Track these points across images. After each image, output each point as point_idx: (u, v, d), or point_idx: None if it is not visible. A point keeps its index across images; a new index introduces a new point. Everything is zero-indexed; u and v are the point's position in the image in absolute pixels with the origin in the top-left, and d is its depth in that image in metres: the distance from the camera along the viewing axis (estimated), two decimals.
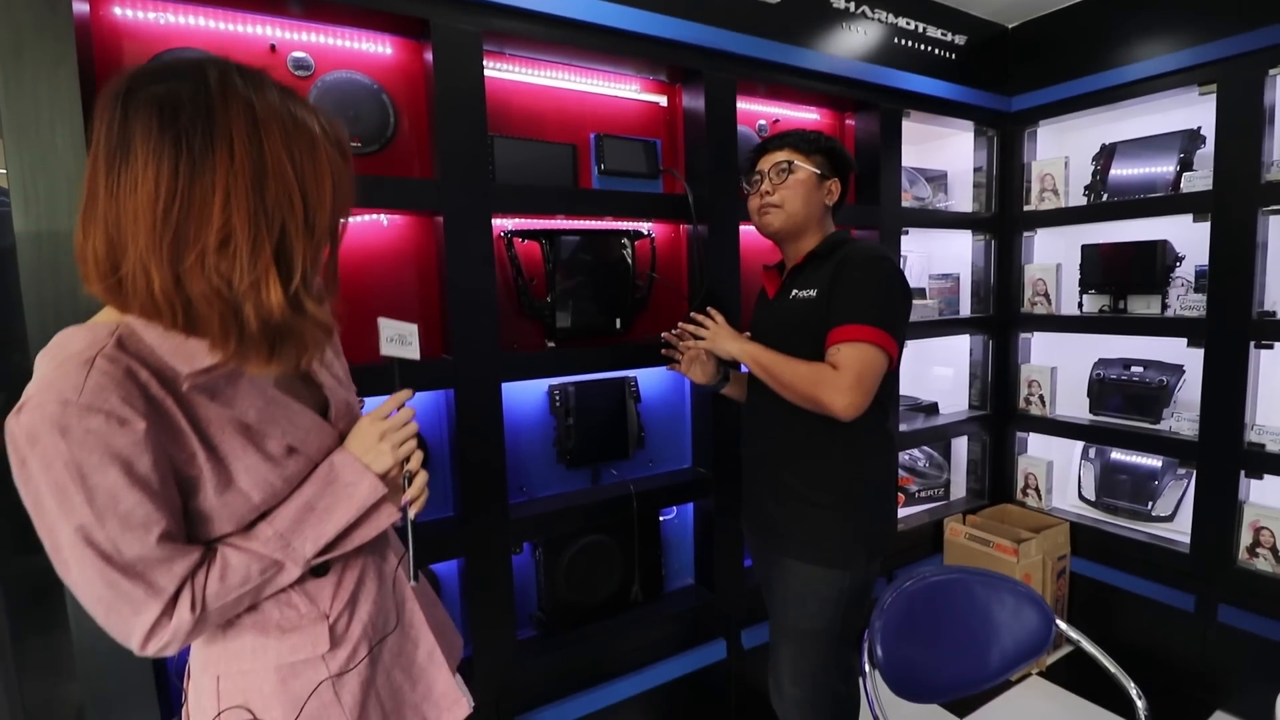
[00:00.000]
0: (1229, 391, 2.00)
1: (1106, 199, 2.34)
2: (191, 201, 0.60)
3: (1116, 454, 2.43)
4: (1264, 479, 2.00)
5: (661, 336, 1.66)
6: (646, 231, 1.84)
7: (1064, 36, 2.34)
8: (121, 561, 0.64)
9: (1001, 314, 2.61)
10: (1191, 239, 2.12)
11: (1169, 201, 2.13)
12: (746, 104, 2.03)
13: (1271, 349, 1.97)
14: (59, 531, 0.63)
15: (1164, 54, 2.08)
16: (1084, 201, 2.42)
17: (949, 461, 2.74)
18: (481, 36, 1.46)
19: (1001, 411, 2.65)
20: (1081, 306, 2.44)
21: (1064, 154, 2.45)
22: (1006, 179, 2.56)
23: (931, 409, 2.60)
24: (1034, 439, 2.65)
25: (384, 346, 0.87)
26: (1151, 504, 2.32)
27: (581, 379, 1.77)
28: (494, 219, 1.52)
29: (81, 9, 1.17)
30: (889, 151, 2.18)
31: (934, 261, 2.86)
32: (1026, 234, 2.57)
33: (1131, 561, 2.26)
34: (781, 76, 1.93)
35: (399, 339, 0.88)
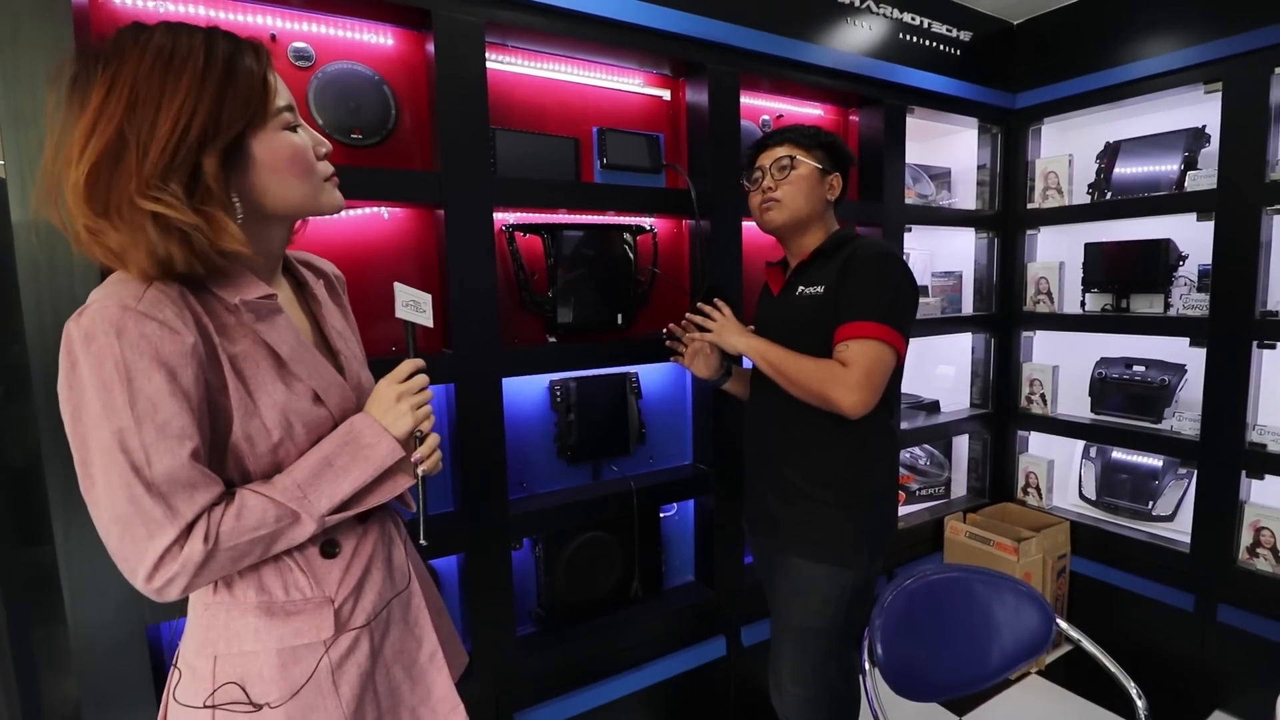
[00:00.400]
0: (1231, 391, 1.99)
1: (1110, 197, 2.33)
2: (71, 131, 0.68)
3: (1117, 453, 2.43)
4: (1265, 479, 2.00)
5: (666, 328, 1.65)
6: (649, 226, 1.83)
7: (1069, 33, 2.33)
8: (149, 475, 0.67)
9: (1004, 312, 2.60)
10: (1195, 238, 2.12)
11: (1173, 200, 2.12)
12: (750, 99, 2.02)
13: (1274, 349, 1.96)
14: (95, 437, 0.66)
15: (1169, 52, 2.07)
16: (1088, 200, 2.41)
17: (950, 460, 2.74)
18: (484, 28, 1.45)
19: (1003, 410, 2.64)
20: (1084, 305, 2.43)
21: (1068, 152, 2.43)
22: (1010, 176, 2.56)
23: (933, 407, 2.60)
24: (1035, 438, 2.65)
25: (399, 310, 0.91)
26: (1152, 503, 2.32)
27: (582, 374, 1.76)
28: (495, 212, 1.51)
29: None
30: (893, 148, 2.17)
31: (937, 259, 2.85)
32: (1030, 232, 2.56)
33: (1132, 561, 2.26)
34: (785, 71, 1.91)
35: (413, 305, 0.92)
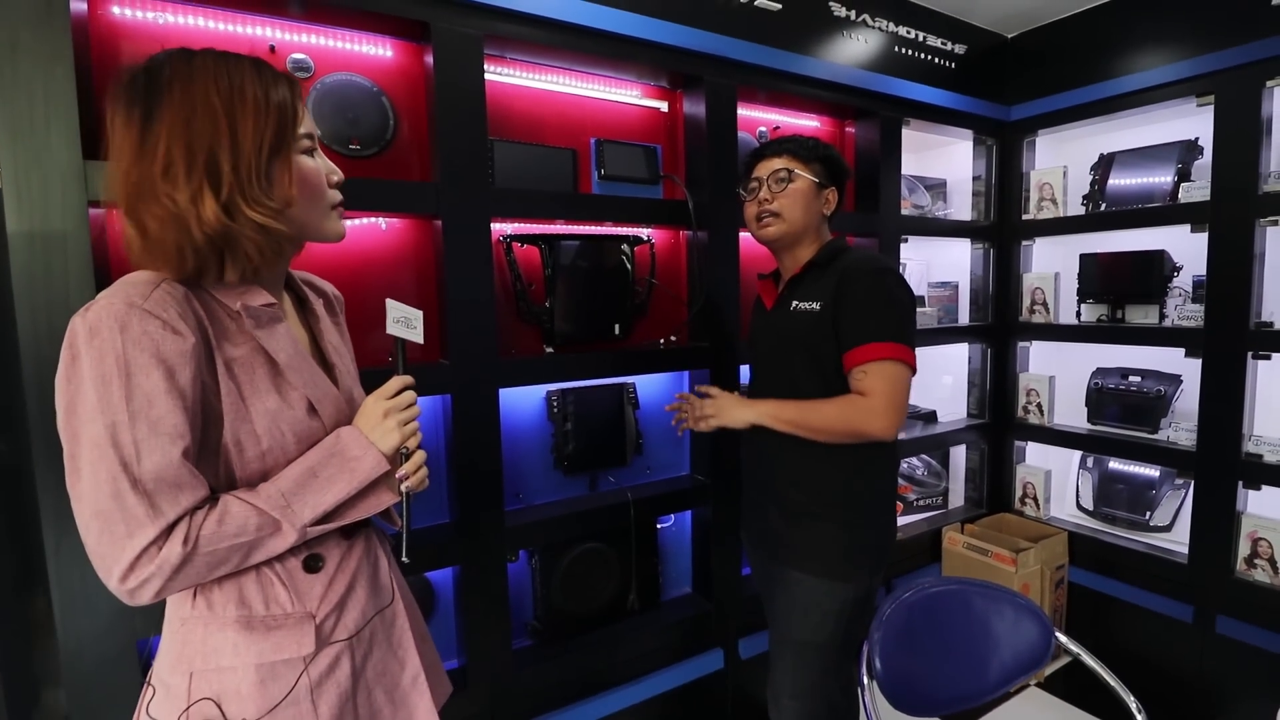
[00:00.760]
0: (1227, 402, 1.99)
1: (1105, 209, 2.35)
2: (144, 149, 0.72)
3: (1114, 463, 2.43)
4: (1261, 490, 2.00)
5: (665, 408, 1.64)
6: (646, 237, 1.83)
7: (1063, 47, 2.35)
8: (137, 471, 0.67)
9: (1000, 322, 2.61)
10: (1189, 249, 2.13)
11: (1167, 212, 2.14)
12: (747, 110, 2.03)
13: (1269, 359, 1.97)
14: (88, 430, 0.67)
15: (1162, 65, 2.09)
16: (1082, 211, 2.42)
17: (947, 470, 2.74)
18: (483, 40, 1.46)
19: (1000, 420, 2.64)
20: (1080, 316, 2.44)
21: (1062, 163, 2.45)
22: (1005, 188, 2.57)
23: (930, 417, 2.60)
24: (1032, 448, 2.65)
25: (390, 326, 0.91)
26: (1149, 514, 2.31)
27: (580, 385, 1.75)
28: (493, 223, 1.51)
29: (79, 8, 1.16)
30: (889, 159, 2.19)
31: (933, 269, 2.86)
32: (1025, 243, 2.57)
33: (1130, 572, 2.25)
34: (782, 83, 1.93)
35: (405, 321, 0.92)
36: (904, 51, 2.18)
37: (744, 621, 1.93)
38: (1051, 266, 2.55)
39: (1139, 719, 1.25)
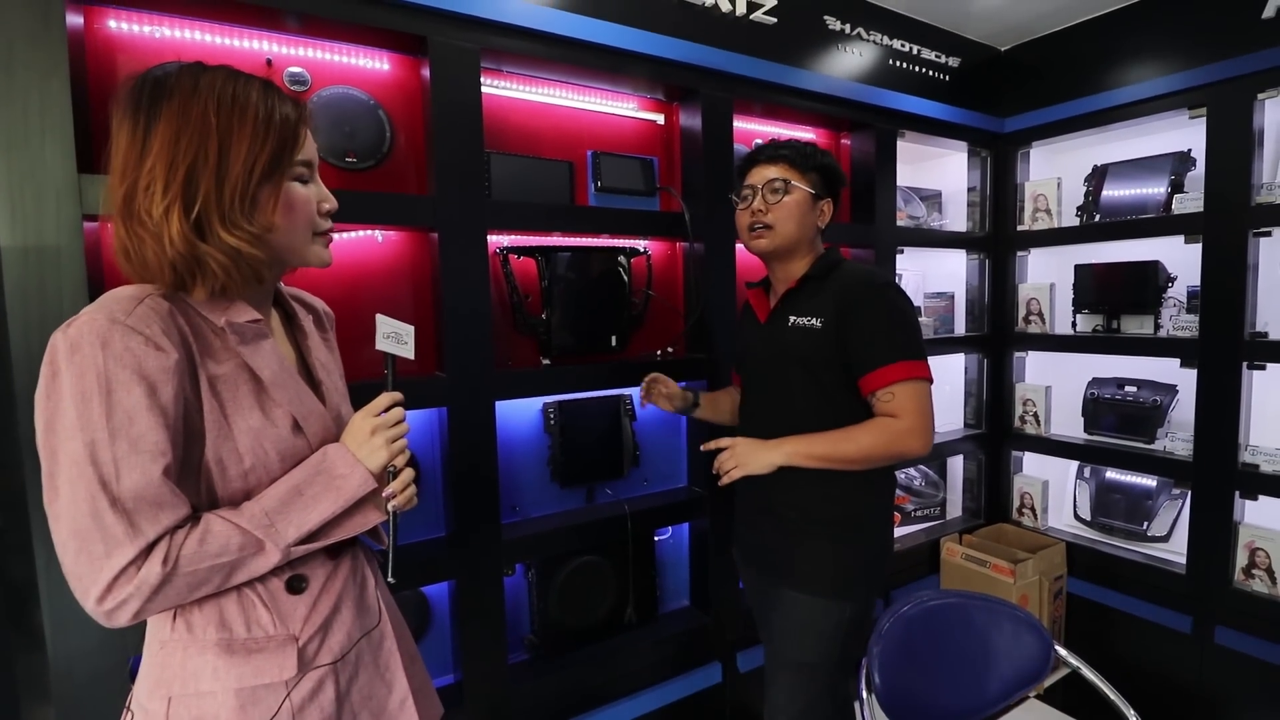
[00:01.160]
0: (1222, 412, 2.00)
1: (1099, 220, 2.36)
2: (137, 160, 0.72)
3: (1111, 473, 2.43)
4: (1258, 499, 2.00)
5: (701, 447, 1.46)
6: (643, 249, 1.83)
7: (1056, 60, 2.37)
8: (116, 490, 0.66)
9: (996, 333, 2.62)
10: (1183, 260, 2.14)
11: (1160, 223, 2.15)
12: (743, 123, 2.04)
13: (1264, 370, 1.98)
14: (67, 447, 0.66)
15: (1154, 78, 2.11)
16: (1076, 222, 2.44)
17: (945, 480, 2.73)
18: (479, 54, 1.46)
19: (996, 430, 2.64)
20: (1075, 326, 2.45)
21: (1056, 175, 2.47)
22: (1000, 199, 2.59)
23: None
24: (1029, 458, 2.65)
25: (380, 342, 0.90)
26: (1147, 524, 2.31)
27: (576, 397, 1.75)
28: (489, 235, 1.51)
29: (75, 21, 1.16)
30: (884, 171, 2.20)
31: (928, 280, 2.87)
32: (1020, 253, 2.58)
33: (1128, 582, 2.25)
34: (778, 96, 1.94)
35: (395, 336, 0.91)
36: (899, 64, 2.20)
37: (742, 634, 1.92)
38: (1046, 277, 2.56)
39: None
